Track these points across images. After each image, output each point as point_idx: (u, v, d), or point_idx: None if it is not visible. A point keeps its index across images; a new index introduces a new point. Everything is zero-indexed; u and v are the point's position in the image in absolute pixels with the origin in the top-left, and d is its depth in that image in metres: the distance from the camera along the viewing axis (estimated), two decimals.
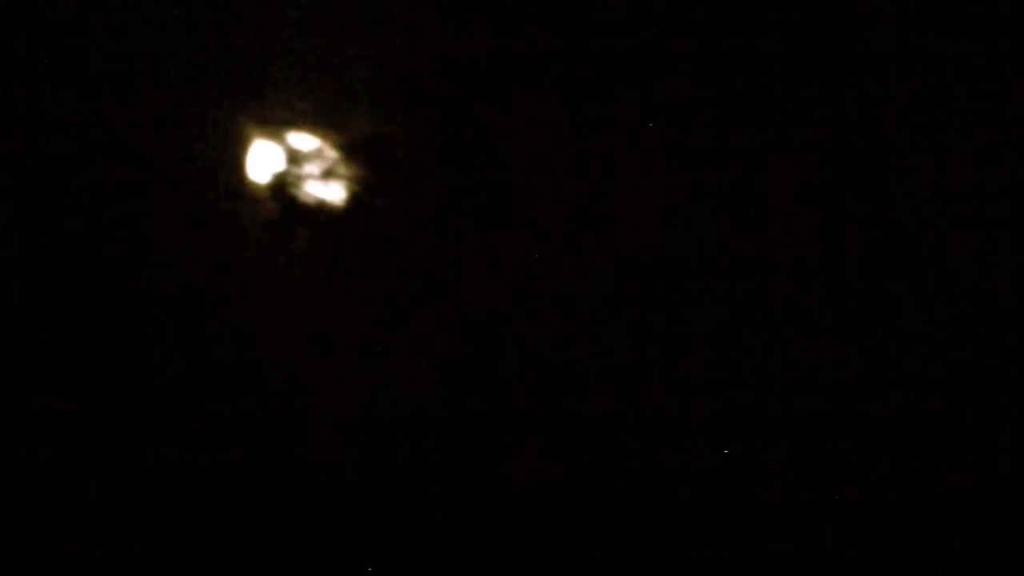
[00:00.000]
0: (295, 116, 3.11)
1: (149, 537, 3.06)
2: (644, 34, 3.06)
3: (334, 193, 3.13)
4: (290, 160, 3.13)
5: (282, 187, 3.13)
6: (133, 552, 3.05)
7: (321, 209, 3.13)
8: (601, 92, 3.06)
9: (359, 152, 3.12)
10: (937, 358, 3.01)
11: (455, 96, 3.10)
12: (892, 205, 3.04)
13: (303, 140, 3.13)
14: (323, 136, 3.12)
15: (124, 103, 3.07)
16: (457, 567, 3.06)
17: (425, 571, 3.07)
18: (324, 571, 3.07)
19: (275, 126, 3.11)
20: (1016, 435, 2.99)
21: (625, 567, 3.05)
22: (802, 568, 3.02)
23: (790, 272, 3.04)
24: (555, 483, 3.07)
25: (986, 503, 2.99)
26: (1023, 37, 3.01)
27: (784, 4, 3.04)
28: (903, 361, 3.02)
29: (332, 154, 3.12)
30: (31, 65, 3.04)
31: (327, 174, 3.13)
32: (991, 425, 3.00)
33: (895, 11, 3.03)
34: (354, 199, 3.13)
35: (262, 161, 3.12)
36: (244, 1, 3.07)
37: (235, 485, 3.07)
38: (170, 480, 3.07)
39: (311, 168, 3.13)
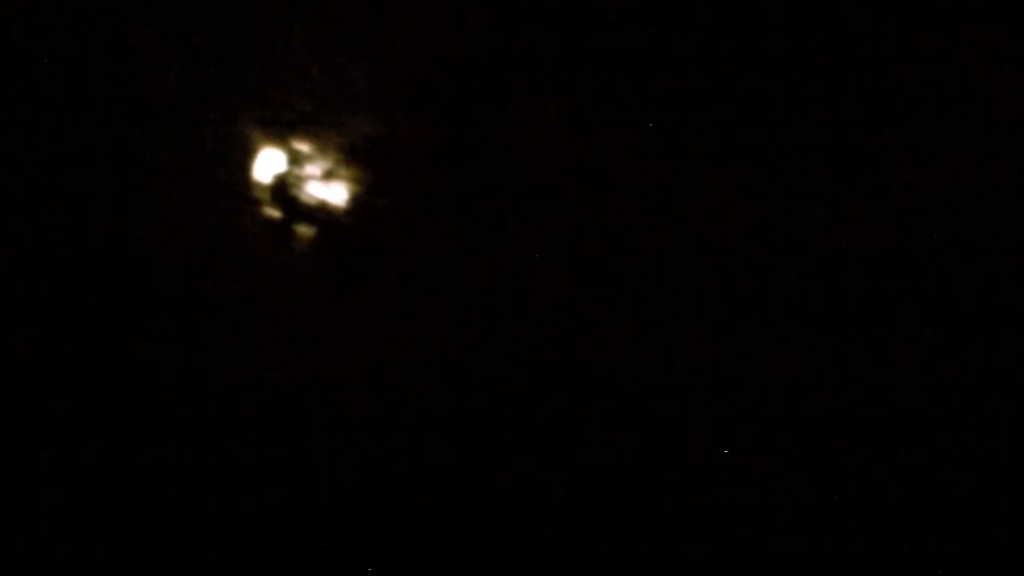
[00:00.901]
0: (295, 116, 3.11)
1: (149, 537, 3.05)
2: (644, 34, 3.06)
3: (335, 193, 3.13)
4: (290, 160, 3.13)
5: (283, 187, 3.13)
6: (133, 552, 3.05)
7: (321, 209, 3.13)
8: (601, 92, 3.07)
9: (359, 152, 3.12)
10: (937, 358, 3.01)
11: (455, 96, 3.10)
12: (892, 205, 3.04)
13: (303, 140, 3.13)
14: (323, 136, 3.12)
15: (124, 103, 3.07)
16: (457, 567, 3.06)
17: (425, 571, 3.07)
18: (324, 571, 3.07)
19: (275, 126, 3.11)
20: (1016, 435, 2.99)
21: (625, 567, 3.05)
22: (802, 568, 3.02)
23: (790, 272, 3.04)
24: (555, 483, 3.07)
25: (986, 503, 2.99)
26: (1023, 37, 3.01)
27: (784, 4, 3.04)
28: (903, 361, 3.02)
29: (332, 154, 3.13)
30: (31, 65, 3.04)
31: (327, 174, 3.13)
32: (991, 425, 3.00)
33: (895, 11, 3.03)
34: (354, 199, 3.13)
35: (262, 161, 3.12)
36: (244, 1, 3.07)
37: (235, 485, 3.07)
38: (170, 480, 3.07)
39: (311, 168, 3.13)
